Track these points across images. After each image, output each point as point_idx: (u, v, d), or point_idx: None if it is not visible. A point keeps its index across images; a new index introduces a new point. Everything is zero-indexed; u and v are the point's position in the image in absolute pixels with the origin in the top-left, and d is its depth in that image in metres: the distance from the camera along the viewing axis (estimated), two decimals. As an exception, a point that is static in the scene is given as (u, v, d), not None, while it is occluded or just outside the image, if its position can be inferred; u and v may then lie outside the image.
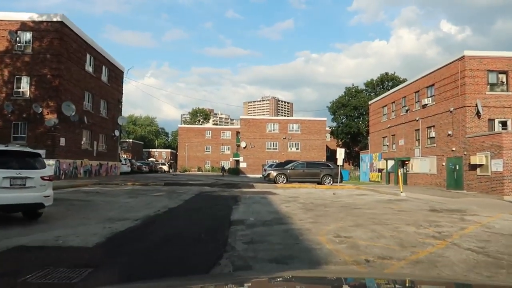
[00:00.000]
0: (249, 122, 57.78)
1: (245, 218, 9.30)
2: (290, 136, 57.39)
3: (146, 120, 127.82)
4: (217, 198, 15.56)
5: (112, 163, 32.94)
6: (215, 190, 19.49)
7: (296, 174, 24.21)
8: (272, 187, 22.49)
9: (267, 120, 58.38)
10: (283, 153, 56.58)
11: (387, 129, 34.70)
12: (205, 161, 72.61)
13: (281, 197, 16.20)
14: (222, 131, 73.65)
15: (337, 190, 21.60)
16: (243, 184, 23.64)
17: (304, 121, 58.11)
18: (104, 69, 31.01)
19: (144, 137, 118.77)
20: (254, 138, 57.22)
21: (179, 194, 16.75)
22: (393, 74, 61.16)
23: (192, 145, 71.90)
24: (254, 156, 56.86)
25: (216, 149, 72.64)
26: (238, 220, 9.00)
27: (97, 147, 29.50)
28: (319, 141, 57.66)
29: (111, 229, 7.72)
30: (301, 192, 19.61)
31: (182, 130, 73.34)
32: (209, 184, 23.40)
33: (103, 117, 30.91)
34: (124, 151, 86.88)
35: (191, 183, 24.37)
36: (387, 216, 10.13)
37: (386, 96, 35.67)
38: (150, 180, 26.99)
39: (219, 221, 8.98)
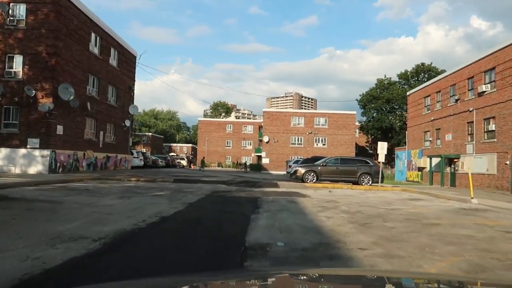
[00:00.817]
0: (272, 115, 54.15)
1: (269, 242, 5.74)
2: (316, 131, 53.46)
3: (167, 114, 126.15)
4: (232, 201, 12.09)
5: (121, 156, 30.00)
6: (231, 190, 16.02)
7: (328, 172, 20.49)
8: (300, 186, 18.88)
9: (291, 113, 54.59)
10: (308, 148, 52.75)
11: (430, 123, 30.41)
12: (226, 156, 69.47)
13: (314, 201, 12.59)
14: (244, 125, 70.31)
15: (381, 192, 17.76)
16: (265, 183, 20.11)
17: (331, 114, 54.01)
18: (113, 51, 28.01)
19: (166, 132, 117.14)
20: (278, 132, 53.59)
21: (185, 194, 13.36)
22: (430, 64, 56.19)
23: (213, 139, 68.86)
24: (277, 152, 53.27)
25: (237, 144, 69.40)
26: (257, 246, 5.46)
27: (103, 137, 26.55)
28: (348, 136, 53.47)
29: (34, 263, 4.33)
30: (337, 194, 15.91)
31: (202, 124, 70.40)
32: (226, 182, 19.97)
33: (111, 105, 27.94)
34: (143, 144, 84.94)
35: (205, 179, 21.00)
36: (503, 244, 6.37)
37: (429, 85, 31.32)
38: (160, 175, 23.82)
39: (225, 247, 5.47)
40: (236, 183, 19.54)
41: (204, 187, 16.73)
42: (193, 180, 20.33)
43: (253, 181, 20.91)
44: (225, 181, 20.29)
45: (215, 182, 19.65)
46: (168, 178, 20.71)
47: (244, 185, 18.94)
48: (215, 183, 19.17)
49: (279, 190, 16.95)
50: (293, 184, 19.83)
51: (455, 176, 26.38)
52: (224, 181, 20.29)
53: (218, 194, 14.02)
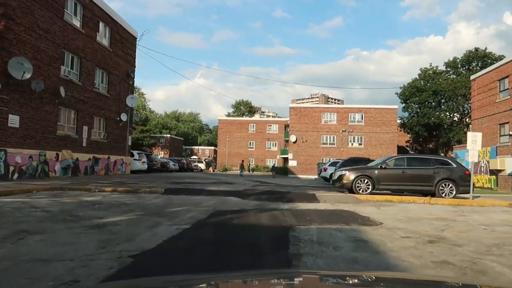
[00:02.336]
0: (300, 111, 47.67)
1: None
2: (351, 128, 46.63)
3: (189, 116, 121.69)
4: (238, 238, 5.99)
5: (116, 158, 24.35)
6: (245, 209, 9.82)
7: (390, 178, 13.94)
8: (351, 200, 12.49)
9: (322, 109, 47.94)
10: (342, 149, 45.98)
11: (510, 112, 23.32)
12: (249, 159, 63.36)
13: (396, 235, 6.33)
14: (268, 124, 64.06)
15: (488, 212, 11.13)
16: (297, 194, 13.77)
17: (369, 109, 47.06)
18: (103, 27, 22.43)
19: (187, 134, 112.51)
20: (306, 131, 47.08)
21: (158, 221, 7.27)
22: (484, 50, 48.32)
23: (234, 140, 62.93)
24: (306, 153, 46.76)
25: (261, 145, 63.23)
26: None
27: (88, 134, 20.93)
28: (389, 134, 46.35)
29: None
30: (421, 214, 9.46)
31: (222, 123, 64.62)
32: (240, 193, 13.77)
33: (101, 93, 22.33)
34: (161, 147, 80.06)
35: (213, 189, 14.88)
36: None
37: (508, 62, 24.18)
38: (157, 182, 17.98)
39: None
40: (255, 195, 13.30)
41: (203, 203, 10.62)
42: (194, 190, 14.23)
43: (279, 191, 14.59)
44: (240, 192, 14.09)
45: (225, 193, 13.51)
46: (162, 187, 14.74)
47: (267, 197, 12.69)
48: (225, 195, 13.03)
49: (321, 207, 10.64)
50: (337, 195, 13.42)
51: (556, 181, 19.28)
52: (239, 192, 14.10)
53: (218, 220, 7.85)
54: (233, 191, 14.29)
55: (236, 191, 14.32)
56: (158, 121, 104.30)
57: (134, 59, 26.55)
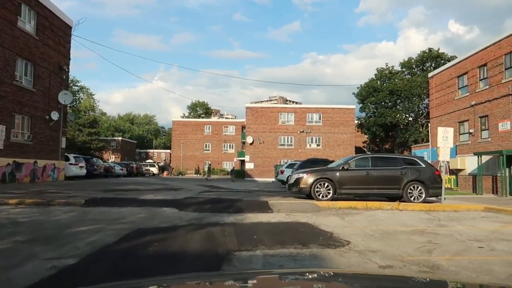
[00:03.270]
0: (257, 111, 45.88)
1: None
2: (309, 129, 45.44)
3: (145, 118, 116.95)
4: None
5: (46, 163, 21.24)
6: (177, 223, 7.63)
7: (353, 181, 12.21)
8: (310, 208, 10.62)
9: (279, 109, 46.41)
10: (300, 150, 44.69)
11: (470, 109, 22.65)
12: (205, 162, 60.76)
13: (373, 264, 4.43)
14: (225, 126, 61.82)
15: (468, 219, 9.59)
16: (249, 202, 11.71)
17: (326, 109, 46.10)
18: (27, 11, 19.37)
19: (142, 137, 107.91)
20: (264, 131, 45.36)
21: (44, 248, 4.95)
22: (437, 51, 48.84)
23: (189, 142, 60.12)
24: (263, 155, 45.02)
25: (218, 147, 60.87)
26: None
27: (7, 135, 17.81)
28: (347, 135, 45.60)
29: None
30: (395, 226, 7.71)
31: (177, 125, 61.58)
32: (180, 202, 11.52)
33: (24, 87, 19.24)
34: (112, 150, 75.52)
35: (147, 198, 12.50)
36: None
37: (466, 58, 23.53)
38: (90, 189, 15.35)
39: None
40: (197, 204, 11.11)
41: (126, 218, 8.33)
42: (124, 200, 11.79)
43: (228, 199, 12.44)
44: (180, 201, 11.83)
45: (161, 203, 11.21)
46: (86, 196, 12.20)
47: (211, 207, 10.55)
48: (161, 205, 10.74)
49: (274, 219, 8.66)
50: (294, 203, 11.51)
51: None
52: (179, 201, 11.84)
53: (130, 247, 5.62)
54: (172, 200, 12.02)
55: (176, 200, 12.05)
56: (110, 123, 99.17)
57: (68, 50, 23.50)
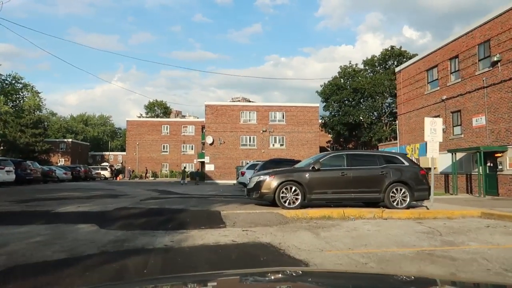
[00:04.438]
0: (217, 109, 43.28)
1: None
2: (272, 128, 43.40)
3: (100, 119, 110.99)
4: None
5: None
6: (84, 251, 5.02)
7: (325, 184, 10.00)
8: (274, 219, 8.28)
9: (240, 107, 44.04)
10: (263, 150, 42.56)
11: (441, 104, 21.30)
12: (162, 164, 57.34)
13: None
14: (184, 126, 58.63)
15: (456, 224, 7.56)
16: (195, 214, 9.18)
17: (290, 108, 44.25)
18: None
19: (98, 139, 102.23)
20: (224, 131, 42.86)
21: None
22: (399, 49, 48.32)
23: (145, 143, 56.45)
24: (224, 156, 42.51)
25: (177, 149, 57.61)
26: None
27: None
28: (311, 134, 43.95)
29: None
30: (388, 244, 5.49)
31: (131, 125, 57.70)
32: (107, 214, 8.84)
33: None
34: (61, 153, 70.19)
35: (66, 210, 9.69)
36: None
37: (436, 50, 22.17)
38: (2, 199, 12.28)
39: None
40: (128, 218, 8.48)
41: (7, 246, 5.59)
42: (31, 215, 8.93)
43: (171, 209, 9.83)
44: (108, 213, 9.14)
45: (80, 217, 8.50)
46: None
47: (145, 221, 7.97)
48: (77, 221, 8.03)
49: (225, 239, 6.22)
50: (254, 213, 9.13)
51: (496, 179, 17.22)
52: (106, 213, 9.14)
53: None
54: (98, 212, 9.30)
55: (103, 212, 9.34)
56: (61, 124, 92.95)
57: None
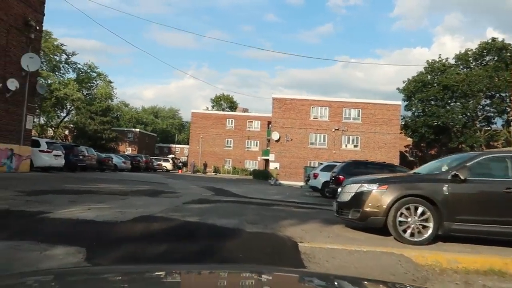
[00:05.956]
0: (285, 103, 39.59)
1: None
2: (345, 127, 38.75)
3: (169, 112, 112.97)
4: None
5: None
6: None
7: (478, 205, 5.83)
8: (400, 270, 4.37)
9: (311, 102, 39.88)
10: (334, 151, 38.10)
11: None
12: (225, 160, 54.99)
13: None
14: (249, 120, 55.74)
15: None
16: (253, 238, 5.52)
17: (367, 104, 39.26)
18: None
19: (166, 131, 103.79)
20: (292, 127, 39.04)
21: None
22: (502, 41, 40.96)
23: (209, 137, 54.46)
24: (290, 154, 38.71)
25: (241, 144, 54.96)
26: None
27: None
28: (390, 135, 38.58)
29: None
30: None
31: (196, 117, 56.06)
32: (117, 229, 5.48)
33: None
34: (129, 143, 71.08)
35: (61, 217, 6.51)
36: None
37: None
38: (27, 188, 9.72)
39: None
40: (140, 240, 5.01)
41: None
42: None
43: (215, 229, 6.17)
44: (122, 225, 5.78)
45: (73, 231, 5.22)
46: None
47: (162, 255, 4.45)
48: (65, 239, 4.73)
49: None
50: (360, 253, 5.22)
51: None
52: (119, 225, 5.80)
53: None
54: (105, 222, 5.92)
55: (113, 222, 5.96)
56: (132, 115, 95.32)
57: (42, 3, 18.02)
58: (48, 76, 45.85)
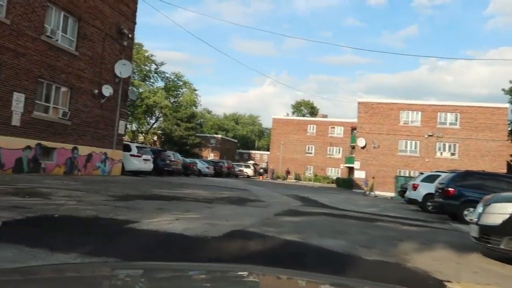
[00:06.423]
0: (372, 107, 37.18)
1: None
2: (440, 133, 35.18)
3: (249, 119, 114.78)
4: None
5: (94, 151, 16.40)
6: None
7: None
8: None
9: (401, 106, 36.92)
10: (427, 159, 34.75)
11: None
12: (306, 166, 53.58)
13: None
14: (332, 126, 53.73)
15: None
16: (382, 275, 4.32)
17: (467, 108, 35.26)
18: (72, -52, 14.64)
19: (246, 138, 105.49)
20: (380, 133, 36.48)
21: None
22: None
23: (290, 143, 53.53)
24: (378, 162, 36.16)
25: (322, 151, 53.16)
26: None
27: (28, 107, 13.04)
28: (495, 142, 34.18)
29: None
30: None
31: (277, 123, 55.52)
32: (207, 244, 4.66)
33: (60, 47, 14.45)
34: (211, 148, 72.97)
35: (146, 229, 5.88)
36: None
37: None
38: (119, 192, 9.61)
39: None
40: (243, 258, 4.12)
41: None
42: (84, 225, 5.37)
43: (324, 253, 5.09)
44: (213, 242, 4.94)
45: (160, 250, 4.48)
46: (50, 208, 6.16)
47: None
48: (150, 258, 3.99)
49: None
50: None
51: None
52: (210, 242, 4.98)
53: None
54: (194, 237, 5.13)
55: (203, 238, 5.14)
56: (214, 121, 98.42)
57: (134, 12, 18.60)
58: (139, 85, 48.79)
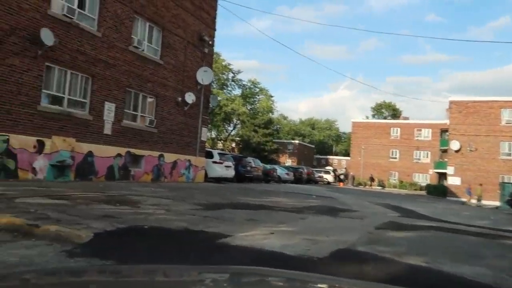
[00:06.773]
0: (466, 107, 33.68)
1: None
2: (553, 133, 30.66)
3: (326, 123, 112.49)
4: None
5: (178, 158, 16.54)
6: None
7: None
8: None
9: (502, 104, 32.90)
10: (536, 163, 30.45)
11: None
12: (390, 172, 50.43)
13: None
14: (417, 129, 50.02)
15: None
16: None
17: None
18: (156, -40, 14.95)
19: (323, 142, 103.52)
20: (477, 135, 32.89)
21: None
22: None
23: (371, 148, 50.84)
24: (475, 167, 32.60)
25: (407, 155, 49.69)
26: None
27: (119, 116, 13.42)
28: None
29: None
30: None
31: (357, 127, 53.16)
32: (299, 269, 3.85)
33: (147, 57, 14.75)
34: (289, 154, 72.22)
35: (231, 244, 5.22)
36: None
37: None
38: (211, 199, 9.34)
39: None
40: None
41: None
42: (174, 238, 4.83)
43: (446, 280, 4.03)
44: (321, 265, 4.13)
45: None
46: (147, 218, 5.87)
47: None
48: None
49: None
50: None
51: None
52: (318, 264, 4.16)
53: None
54: (297, 258, 4.36)
55: (310, 259, 4.35)
56: (290, 127, 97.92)
57: (213, 19, 18.61)
58: (217, 93, 49.98)
